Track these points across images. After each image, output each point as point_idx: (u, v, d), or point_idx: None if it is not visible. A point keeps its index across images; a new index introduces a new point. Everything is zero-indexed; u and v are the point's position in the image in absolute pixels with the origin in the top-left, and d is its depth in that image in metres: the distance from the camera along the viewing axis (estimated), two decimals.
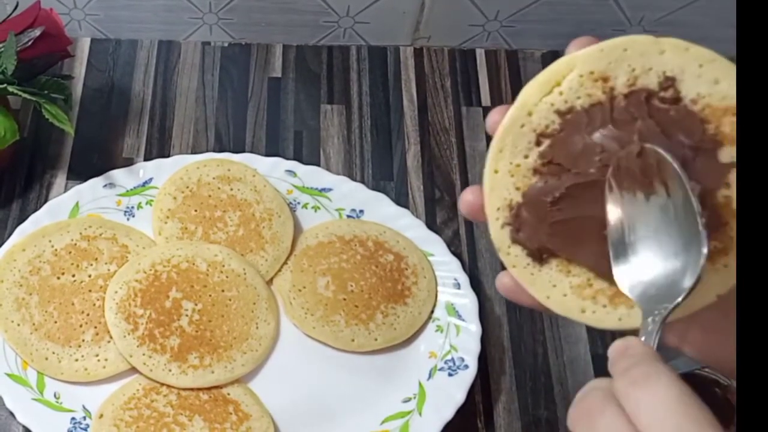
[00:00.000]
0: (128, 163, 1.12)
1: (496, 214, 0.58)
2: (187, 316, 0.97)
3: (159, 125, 1.17)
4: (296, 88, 1.22)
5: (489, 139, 0.59)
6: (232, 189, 1.05)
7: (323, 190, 1.09)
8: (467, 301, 1.01)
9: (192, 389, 0.95)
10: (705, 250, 0.49)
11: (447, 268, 1.03)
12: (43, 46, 1.02)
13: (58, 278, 0.99)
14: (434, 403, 0.96)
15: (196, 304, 0.98)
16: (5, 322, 0.97)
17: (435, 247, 1.05)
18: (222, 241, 1.03)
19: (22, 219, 1.04)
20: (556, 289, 0.57)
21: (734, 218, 0.52)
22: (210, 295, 0.99)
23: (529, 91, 0.56)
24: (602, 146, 0.54)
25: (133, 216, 1.06)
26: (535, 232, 0.56)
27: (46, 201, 1.07)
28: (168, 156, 1.12)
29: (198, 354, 0.96)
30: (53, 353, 0.96)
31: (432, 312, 1.02)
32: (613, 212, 0.54)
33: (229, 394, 0.96)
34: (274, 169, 1.09)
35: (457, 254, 1.05)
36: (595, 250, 0.55)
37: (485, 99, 1.21)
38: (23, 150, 1.13)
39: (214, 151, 1.14)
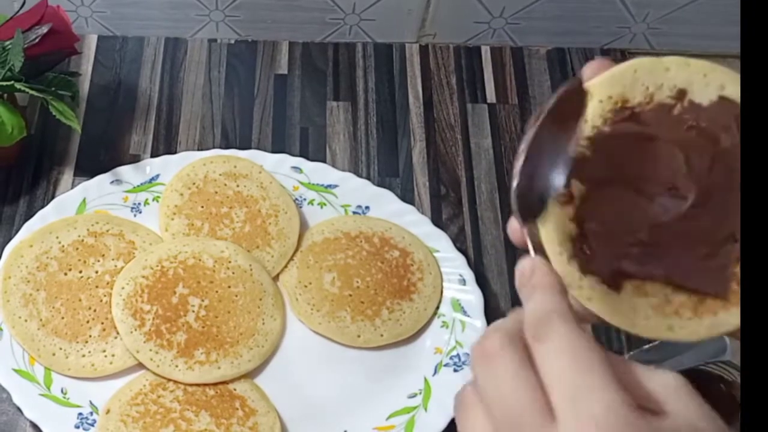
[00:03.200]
0: (135, 159, 1.12)
1: (559, 249, 0.55)
2: (193, 311, 0.97)
3: (166, 122, 1.18)
4: (302, 84, 1.22)
5: (494, 135, 0.59)
6: (238, 185, 1.06)
7: (329, 186, 1.09)
8: (473, 297, 1.01)
9: (198, 385, 0.95)
10: None
11: (452, 264, 1.04)
12: (50, 43, 1.02)
13: (66, 274, 0.99)
14: (440, 399, 0.96)
15: (202, 300, 0.98)
16: (13, 318, 0.97)
17: (440, 243, 1.05)
18: (228, 238, 1.03)
19: (29, 215, 1.05)
20: (638, 314, 0.56)
21: None
22: (216, 291, 0.99)
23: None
24: (646, 157, 0.55)
25: (140, 212, 1.06)
26: (605, 257, 0.55)
27: (53, 197, 1.08)
28: (175, 152, 1.12)
29: (204, 350, 0.96)
30: (60, 349, 0.96)
31: (437, 308, 1.02)
32: None
33: (235, 389, 0.96)
34: (280, 166, 1.09)
35: (462, 250, 1.05)
36: (667, 262, 0.55)
37: (490, 96, 1.21)
38: (30, 146, 1.13)
39: (221, 147, 1.14)
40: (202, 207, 1.04)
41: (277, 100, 1.20)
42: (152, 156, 1.13)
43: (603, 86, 0.56)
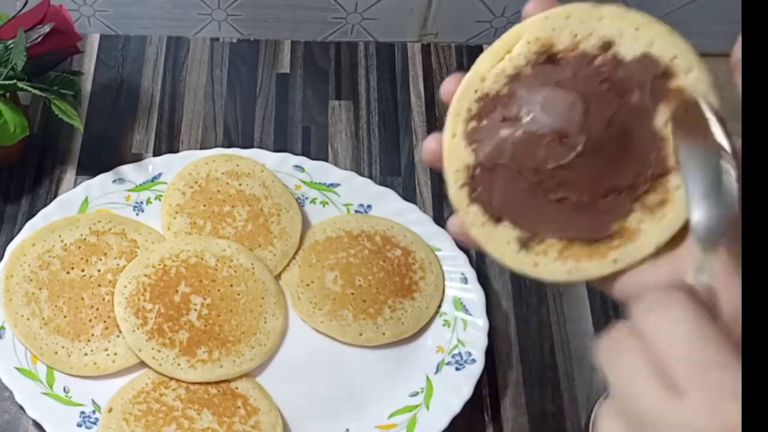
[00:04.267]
0: (137, 158, 1.12)
1: (455, 176, 0.60)
2: (195, 310, 0.98)
3: (168, 121, 1.18)
4: (304, 83, 1.22)
5: None
6: (240, 184, 1.06)
7: (331, 185, 1.09)
8: (474, 295, 1.01)
9: (201, 383, 0.95)
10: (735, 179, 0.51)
11: (454, 262, 1.04)
12: (52, 42, 1.02)
13: (68, 273, 1.00)
14: (442, 397, 0.96)
15: (204, 299, 0.98)
16: (15, 316, 0.97)
17: (442, 242, 1.05)
18: (230, 236, 1.03)
19: (31, 214, 1.05)
20: (509, 246, 0.59)
21: (672, 173, 0.56)
22: (218, 290, 0.99)
23: (482, 60, 0.59)
24: (548, 102, 0.57)
25: (142, 211, 1.06)
26: (490, 192, 0.59)
27: (55, 196, 1.08)
28: (177, 151, 1.13)
29: (206, 348, 0.96)
30: (63, 347, 0.96)
31: (439, 306, 1.02)
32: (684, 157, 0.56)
33: (237, 388, 0.96)
34: (282, 165, 1.09)
35: (464, 249, 1.05)
36: (543, 204, 0.58)
37: None
38: (33, 145, 1.13)
39: (223, 146, 1.14)
40: (205, 206, 1.04)
41: (279, 99, 1.20)
42: (154, 155, 1.13)
43: (533, 28, 0.58)
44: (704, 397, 0.43)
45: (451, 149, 0.59)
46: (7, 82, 1.00)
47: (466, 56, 1.25)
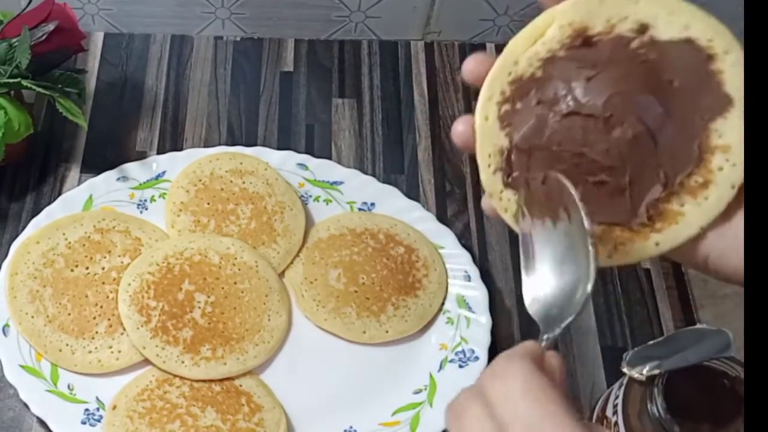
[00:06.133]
0: (141, 156, 1.13)
1: (488, 160, 0.59)
2: (199, 308, 0.98)
3: (172, 119, 1.18)
4: (308, 82, 1.23)
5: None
6: (244, 182, 1.06)
7: (335, 183, 1.09)
8: (478, 293, 1.02)
9: (204, 381, 0.95)
10: (593, 272, 0.52)
11: (457, 260, 1.04)
12: (56, 40, 1.03)
13: (72, 271, 1.00)
14: (445, 395, 0.96)
15: (208, 297, 0.98)
16: (19, 314, 0.97)
17: (446, 240, 1.05)
18: (234, 234, 1.03)
19: (36, 212, 1.05)
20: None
21: (715, 153, 0.55)
22: (222, 288, 0.99)
23: (515, 43, 0.59)
24: (591, 84, 0.56)
25: (146, 209, 1.07)
26: (525, 176, 0.58)
27: (59, 194, 1.08)
28: (181, 149, 1.13)
29: (210, 346, 0.96)
30: (67, 345, 0.96)
31: (443, 304, 1.02)
32: (525, 235, 0.58)
33: (241, 385, 0.96)
34: (285, 163, 1.10)
35: (467, 247, 1.05)
36: (582, 191, 0.56)
37: None
38: (37, 143, 1.14)
39: (227, 144, 1.14)
40: (208, 204, 1.05)
41: (283, 98, 1.21)
42: (158, 153, 1.13)
43: (566, 12, 0.57)
44: None
45: (484, 133, 0.59)
46: (11, 81, 1.00)
47: (469, 54, 1.25)
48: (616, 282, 1.07)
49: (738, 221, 0.54)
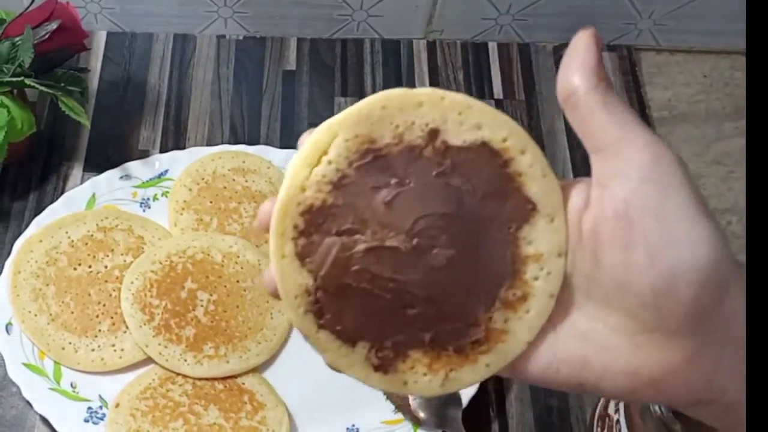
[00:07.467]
0: (144, 155, 1.13)
1: (295, 302, 0.52)
2: (202, 306, 0.98)
3: (174, 117, 1.18)
4: (310, 80, 1.23)
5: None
6: (246, 181, 1.06)
7: None
8: None
9: (207, 379, 0.96)
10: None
11: None
12: (59, 39, 1.03)
13: (75, 269, 1.00)
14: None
15: (211, 295, 0.99)
16: (22, 312, 0.97)
17: None
18: (237, 233, 1.03)
19: (39, 210, 1.05)
20: (373, 369, 0.54)
21: (528, 264, 0.51)
22: (225, 286, 0.99)
23: (296, 168, 0.52)
24: (390, 208, 0.51)
25: (149, 207, 1.07)
26: (339, 317, 0.52)
27: (62, 193, 1.08)
28: (183, 148, 1.13)
29: (213, 344, 0.96)
30: (70, 343, 0.96)
31: None
32: None
33: (243, 383, 0.96)
34: (288, 161, 1.09)
35: None
36: (398, 325, 0.52)
37: (498, 92, 1.22)
38: (40, 142, 1.14)
39: (229, 143, 1.14)
40: (211, 202, 1.05)
41: (286, 96, 1.21)
42: (161, 151, 1.13)
43: (348, 123, 0.52)
44: None
45: (284, 273, 0.52)
46: (14, 79, 1.00)
47: (472, 53, 1.25)
48: None
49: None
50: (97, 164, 1.12)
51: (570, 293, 0.51)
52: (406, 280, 0.51)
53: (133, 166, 1.09)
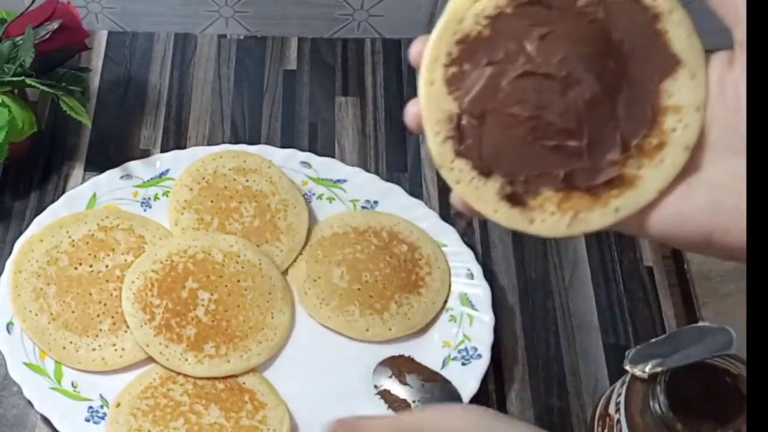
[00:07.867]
0: (145, 154, 1.13)
1: (436, 128, 0.55)
2: (203, 306, 0.98)
3: (175, 117, 1.18)
4: (311, 80, 1.23)
5: None
6: (247, 180, 1.06)
7: (338, 181, 1.09)
8: (480, 291, 1.02)
9: (208, 378, 0.96)
10: None
11: (460, 258, 1.04)
12: (60, 38, 1.03)
13: (76, 269, 1.00)
14: None
15: (212, 295, 0.99)
16: (23, 311, 0.98)
17: (448, 238, 1.05)
18: (237, 232, 1.03)
19: (39, 210, 1.05)
20: (502, 202, 0.55)
21: (667, 114, 0.54)
22: (226, 286, 0.99)
23: (457, 1, 0.54)
24: (545, 44, 0.53)
25: (150, 207, 1.07)
26: (479, 143, 0.54)
27: (63, 192, 1.08)
28: (184, 148, 1.13)
29: (214, 343, 0.96)
30: (71, 343, 0.97)
31: (445, 302, 1.02)
32: None
33: (244, 383, 0.96)
34: (289, 161, 1.10)
35: (470, 245, 1.05)
36: (534, 158, 0.54)
37: None
38: (41, 142, 1.14)
39: (230, 142, 1.14)
40: (212, 202, 1.05)
41: (286, 96, 1.21)
42: (162, 151, 1.14)
43: None
44: None
45: (430, 98, 0.55)
46: (15, 79, 1.00)
47: None
48: (619, 280, 1.07)
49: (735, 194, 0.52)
50: (98, 164, 1.12)
51: (704, 148, 0.53)
52: (550, 109, 0.53)
53: (134, 166, 1.09)
